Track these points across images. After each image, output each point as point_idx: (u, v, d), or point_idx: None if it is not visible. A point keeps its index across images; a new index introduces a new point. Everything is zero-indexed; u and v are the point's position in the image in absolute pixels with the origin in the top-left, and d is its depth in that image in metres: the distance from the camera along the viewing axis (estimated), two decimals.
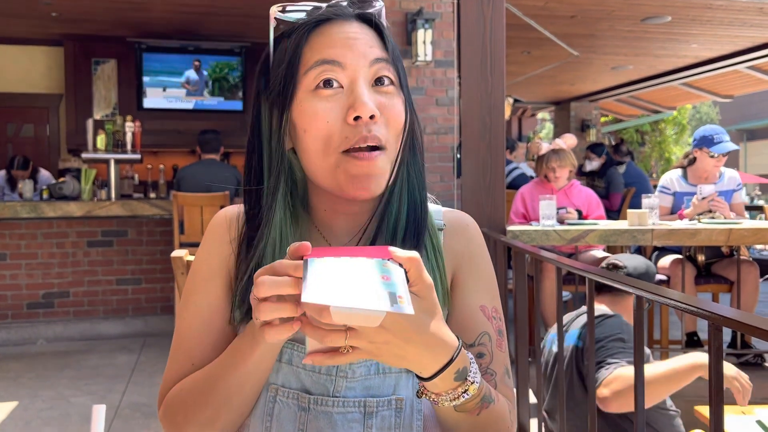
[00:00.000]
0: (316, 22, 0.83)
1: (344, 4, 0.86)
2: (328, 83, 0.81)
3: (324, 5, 0.86)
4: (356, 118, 0.79)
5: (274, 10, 0.84)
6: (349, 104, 0.80)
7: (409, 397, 0.85)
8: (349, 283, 0.60)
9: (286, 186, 0.86)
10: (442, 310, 0.88)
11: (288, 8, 0.85)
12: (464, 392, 0.74)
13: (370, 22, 0.85)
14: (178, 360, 0.88)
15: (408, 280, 0.65)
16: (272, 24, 0.85)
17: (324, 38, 0.83)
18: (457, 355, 0.72)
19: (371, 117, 0.80)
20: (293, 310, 0.64)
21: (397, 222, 0.86)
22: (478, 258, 0.94)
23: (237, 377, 0.78)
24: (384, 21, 0.88)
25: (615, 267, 2.33)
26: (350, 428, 0.83)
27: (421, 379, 0.73)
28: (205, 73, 7.50)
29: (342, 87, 0.81)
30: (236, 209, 0.93)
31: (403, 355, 0.68)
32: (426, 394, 0.75)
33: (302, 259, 0.64)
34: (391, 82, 0.84)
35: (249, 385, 0.80)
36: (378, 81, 0.83)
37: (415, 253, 0.66)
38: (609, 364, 1.93)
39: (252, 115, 0.88)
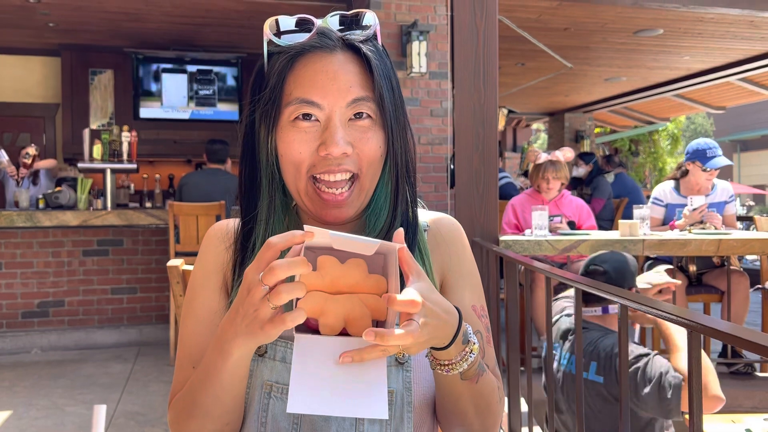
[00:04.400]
0: (301, 50, 0.86)
1: (333, 22, 0.87)
2: (306, 116, 0.85)
3: (316, 21, 0.87)
4: (327, 154, 0.85)
5: (267, 28, 0.87)
6: (322, 140, 0.85)
7: (399, 390, 0.88)
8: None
9: (278, 191, 0.91)
10: None
11: (280, 20, 0.87)
12: (470, 352, 0.81)
13: (358, 50, 0.86)
14: (183, 365, 0.92)
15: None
16: (266, 39, 0.88)
17: (306, 71, 0.85)
18: (461, 319, 0.79)
19: (343, 153, 0.85)
20: (304, 288, 0.68)
21: (389, 235, 0.90)
22: (464, 258, 1.00)
23: (212, 391, 0.80)
24: (376, 43, 0.89)
25: (594, 273, 2.35)
26: (343, 420, 0.86)
27: (435, 350, 0.79)
28: (201, 83, 7.53)
29: (319, 121, 0.86)
30: (231, 221, 0.98)
31: (435, 335, 0.73)
32: (439, 365, 0.80)
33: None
34: (370, 116, 0.87)
35: (227, 397, 0.81)
36: (356, 114, 0.86)
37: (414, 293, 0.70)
38: (669, 378, 1.99)
39: (245, 124, 0.92)
